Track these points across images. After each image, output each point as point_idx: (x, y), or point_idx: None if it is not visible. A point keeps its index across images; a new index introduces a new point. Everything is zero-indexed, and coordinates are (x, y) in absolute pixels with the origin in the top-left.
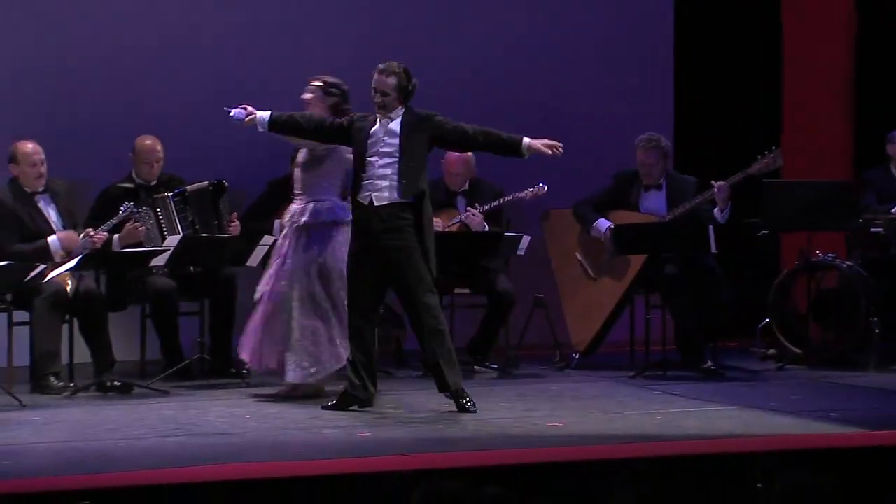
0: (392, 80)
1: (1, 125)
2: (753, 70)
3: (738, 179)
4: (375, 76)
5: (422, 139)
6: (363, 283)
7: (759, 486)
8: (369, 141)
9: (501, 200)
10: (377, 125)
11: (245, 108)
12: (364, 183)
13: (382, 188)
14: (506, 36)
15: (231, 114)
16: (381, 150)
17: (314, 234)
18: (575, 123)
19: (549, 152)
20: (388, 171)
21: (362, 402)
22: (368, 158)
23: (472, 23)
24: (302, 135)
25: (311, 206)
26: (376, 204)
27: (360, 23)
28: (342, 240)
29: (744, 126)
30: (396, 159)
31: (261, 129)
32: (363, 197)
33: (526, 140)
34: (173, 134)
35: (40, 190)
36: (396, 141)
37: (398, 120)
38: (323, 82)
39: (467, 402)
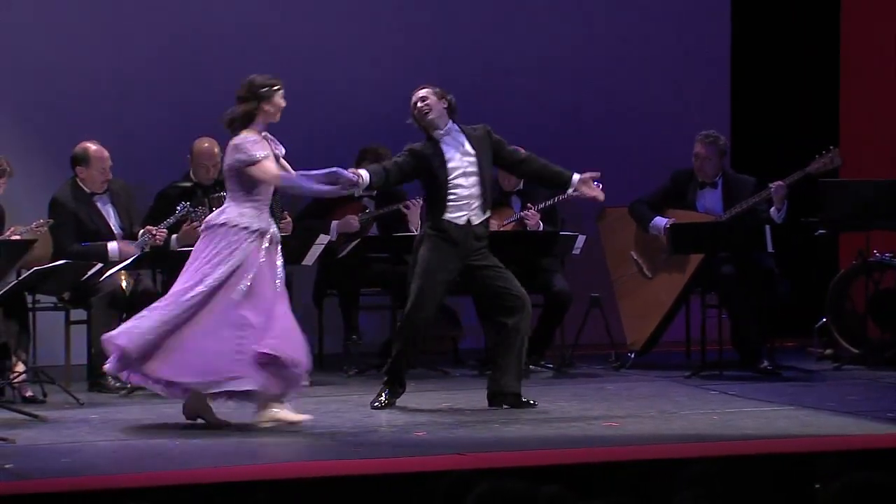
0: (435, 99)
1: (61, 127)
2: (811, 69)
3: (796, 179)
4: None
5: (489, 155)
6: (436, 294)
7: (816, 486)
8: (450, 165)
9: (556, 199)
10: (446, 146)
11: (356, 174)
12: (459, 203)
13: (475, 207)
14: (562, 35)
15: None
16: (466, 170)
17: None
18: (631, 122)
19: (593, 198)
20: (475, 189)
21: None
22: (456, 181)
23: (528, 22)
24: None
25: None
26: (474, 223)
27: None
28: None
29: (801, 125)
30: (478, 177)
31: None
32: (457, 217)
33: (576, 176)
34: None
35: (100, 191)
36: (474, 159)
37: (463, 137)
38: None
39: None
